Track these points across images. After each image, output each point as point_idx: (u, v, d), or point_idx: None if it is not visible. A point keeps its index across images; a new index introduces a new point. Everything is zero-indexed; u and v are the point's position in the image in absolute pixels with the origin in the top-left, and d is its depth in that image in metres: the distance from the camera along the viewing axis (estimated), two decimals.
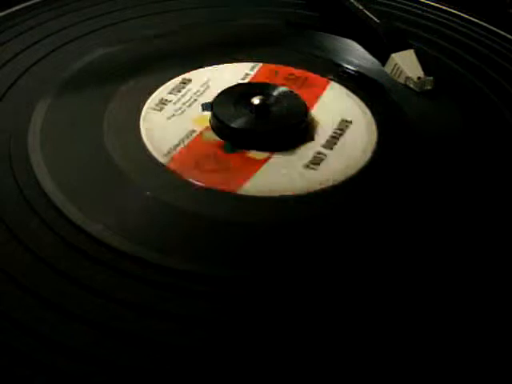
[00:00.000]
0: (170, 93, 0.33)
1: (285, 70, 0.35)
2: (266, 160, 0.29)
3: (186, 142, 0.29)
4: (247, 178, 0.28)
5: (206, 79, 0.34)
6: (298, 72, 0.34)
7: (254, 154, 0.29)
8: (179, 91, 0.33)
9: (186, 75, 0.34)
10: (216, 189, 0.27)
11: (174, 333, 0.22)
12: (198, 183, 0.27)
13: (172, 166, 0.28)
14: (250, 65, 0.35)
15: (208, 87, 0.33)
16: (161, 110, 0.31)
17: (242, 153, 0.29)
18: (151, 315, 0.22)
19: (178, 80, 0.34)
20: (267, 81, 0.33)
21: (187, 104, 0.32)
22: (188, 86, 0.33)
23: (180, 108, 0.32)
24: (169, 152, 0.29)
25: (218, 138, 0.30)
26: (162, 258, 0.24)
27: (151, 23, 0.39)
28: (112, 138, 0.30)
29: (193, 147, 0.29)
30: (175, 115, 0.31)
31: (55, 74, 0.34)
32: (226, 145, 0.29)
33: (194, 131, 0.30)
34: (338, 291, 0.24)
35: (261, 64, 0.35)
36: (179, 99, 0.32)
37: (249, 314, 0.23)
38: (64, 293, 0.23)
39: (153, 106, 0.32)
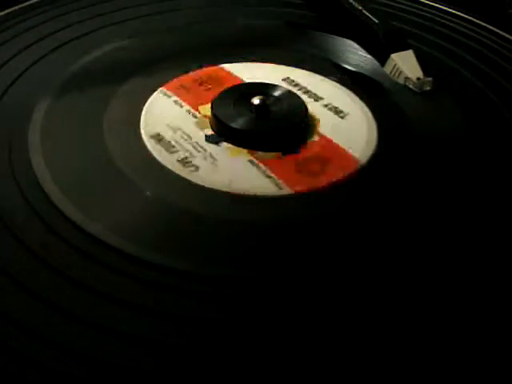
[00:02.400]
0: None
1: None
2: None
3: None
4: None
5: None
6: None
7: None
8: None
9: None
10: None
11: (173, 333, 0.22)
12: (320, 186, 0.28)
13: (297, 188, 0.27)
14: None
15: None
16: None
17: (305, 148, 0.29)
18: (151, 315, 0.22)
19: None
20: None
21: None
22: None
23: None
24: (277, 186, 0.28)
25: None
26: (162, 258, 0.24)
27: (150, 23, 0.39)
28: (112, 138, 0.30)
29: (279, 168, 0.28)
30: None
31: (55, 74, 0.34)
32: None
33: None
34: (338, 291, 0.24)
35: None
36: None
37: (249, 313, 0.23)
38: (64, 293, 0.23)
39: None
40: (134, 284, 0.23)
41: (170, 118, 0.31)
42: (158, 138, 0.30)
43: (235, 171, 0.28)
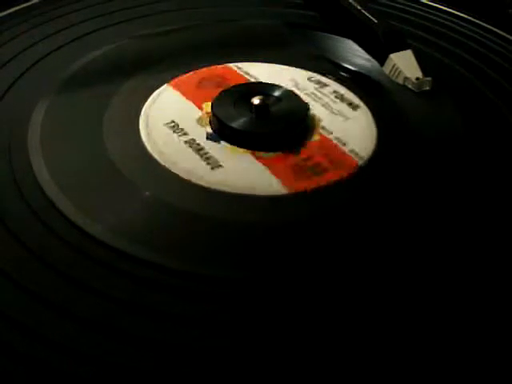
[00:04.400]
0: None
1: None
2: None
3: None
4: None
5: None
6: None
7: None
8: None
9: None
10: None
11: (173, 333, 0.22)
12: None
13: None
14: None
15: None
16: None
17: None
18: (151, 315, 0.22)
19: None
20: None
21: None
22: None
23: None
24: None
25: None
26: (161, 258, 0.24)
27: (151, 23, 0.39)
28: (112, 138, 0.30)
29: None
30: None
31: (55, 74, 0.34)
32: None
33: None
34: (338, 292, 0.24)
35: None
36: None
37: (249, 314, 0.23)
38: (63, 293, 0.23)
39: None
40: (134, 284, 0.23)
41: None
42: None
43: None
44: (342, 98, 0.33)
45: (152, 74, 0.34)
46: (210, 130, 0.30)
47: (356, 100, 0.33)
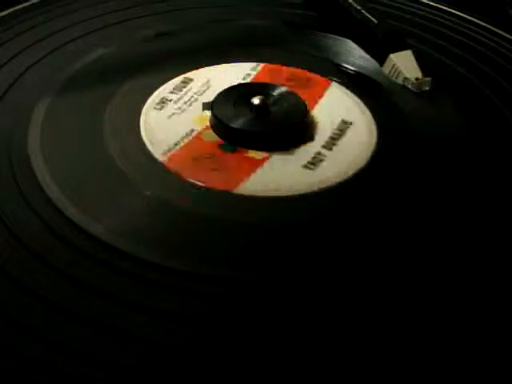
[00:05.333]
0: (172, 92, 0.33)
1: (287, 70, 0.35)
2: (265, 159, 0.29)
3: (185, 142, 0.30)
4: (246, 177, 0.28)
5: (206, 79, 0.34)
6: (299, 72, 0.34)
7: (254, 154, 0.29)
8: (180, 90, 0.33)
9: (188, 74, 0.34)
10: (215, 188, 0.27)
11: (172, 332, 0.22)
12: (197, 182, 0.27)
13: (171, 166, 0.28)
14: (251, 65, 0.35)
15: (209, 87, 0.33)
16: (161, 108, 0.32)
17: (242, 152, 0.29)
18: (150, 314, 0.22)
19: (179, 79, 0.34)
20: (269, 81, 0.33)
21: (188, 103, 0.32)
22: (189, 86, 0.33)
23: (180, 107, 0.32)
24: (168, 151, 0.29)
25: (217, 138, 0.30)
26: (162, 258, 0.24)
27: (151, 23, 0.39)
28: (112, 138, 0.30)
29: (192, 146, 0.29)
30: (175, 114, 0.31)
31: (55, 74, 0.34)
32: (226, 144, 0.29)
33: (193, 130, 0.30)
34: (338, 292, 0.24)
35: (262, 64, 0.35)
36: (180, 98, 0.32)
37: (249, 314, 0.23)
38: (63, 293, 0.23)
39: (153, 104, 0.32)
40: (134, 284, 0.23)
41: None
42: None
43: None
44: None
45: (152, 74, 0.34)
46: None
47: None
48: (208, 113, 0.31)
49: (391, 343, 0.22)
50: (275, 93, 0.31)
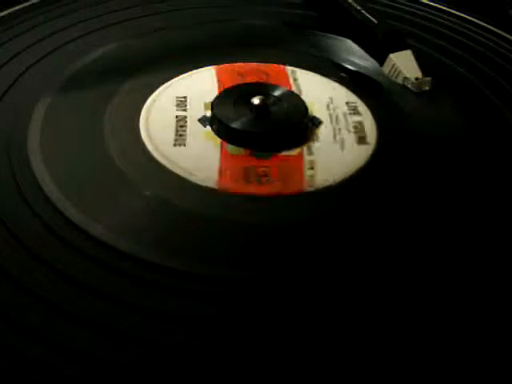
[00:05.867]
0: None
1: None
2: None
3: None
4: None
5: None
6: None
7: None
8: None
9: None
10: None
11: (172, 332, 0.22)
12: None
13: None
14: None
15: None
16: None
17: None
18: (151, 315, 0.22)
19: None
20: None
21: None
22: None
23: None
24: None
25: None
26: (162, 258, 0.24)
27: (151, 23, 0.39)
28: (112, 137, 0.30)
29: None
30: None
31: (55, 74, 0.34)
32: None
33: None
34: (338, 292, 0.24)
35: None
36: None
37: (248, 314, 0.23)
38: (63, 293, 0.23)
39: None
40: (133, 284, 0.23)
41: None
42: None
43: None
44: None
45: (152, 74, 0.34)
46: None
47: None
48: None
49: (391, 342, 0.22)
50: (275, 93, 0.31)
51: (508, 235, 0.26)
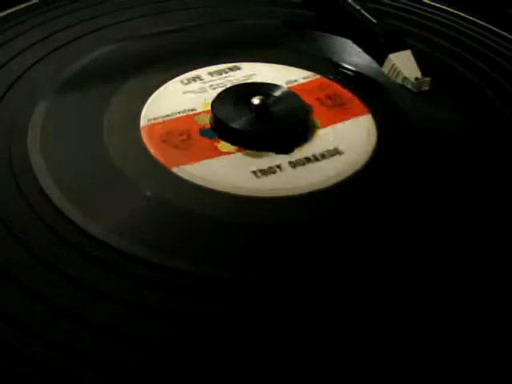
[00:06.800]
0: (210, 73, 0.34)
1: (332, 87, 0.33)
2: (230, 153, 0.29)
3: (177, 116, 0.30)
4: (193, 162, 0.28)
5: (251, 73, 0.34)
6: (342, 92, 0.33)
7: (223, 145, 0.29)
8: (220, 74, 0.34)
9: (238, 64, 0.35)
10: (157, 160, 0.28)
11: (172, 333, 0.22)
12: (150, 150, 0.28)
13: (144, 131, 0.29)
14: (305, 73, 0.34)
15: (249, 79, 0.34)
16: (187, 83, 0.33)
17: (215, 140, 0.29)
18: (151, 315, 0.22)
19: (228, 66, 0.34)
20: (308, 93, 0.33)
21: (213, 87, 0.32)
22: (232, 73, 0.34)
23: (203, 88, 0.32)
24: (153, 119, 0.30)
25: (207, 123, 0.30)
26: (162, 258, 0.24)
27: (150, 23, 0.39)
28: (112, 138, 0.30)
29: (174, 123, 0.30)
30: (193, 92, 0.32)
31: (55, 74, 0.34)
32: (208, 130, 0.30)
33: (193, 110, 0.31)
34: (338, 292, 0.24)
35: (318, 76, 0.34)
36: (212, 81, 0.33)
37: (248, 314, 0.23)
38: (63, 292, 0.23)
39: (183, 78, 0.33)
40: (134, 284, 0.23)
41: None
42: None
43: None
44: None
45: (152, 74, 0.34)
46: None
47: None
48: None
49: (391, 342, 0.22)
50: (275, 93, 0.31)
51: (507, 233, 0.26)
